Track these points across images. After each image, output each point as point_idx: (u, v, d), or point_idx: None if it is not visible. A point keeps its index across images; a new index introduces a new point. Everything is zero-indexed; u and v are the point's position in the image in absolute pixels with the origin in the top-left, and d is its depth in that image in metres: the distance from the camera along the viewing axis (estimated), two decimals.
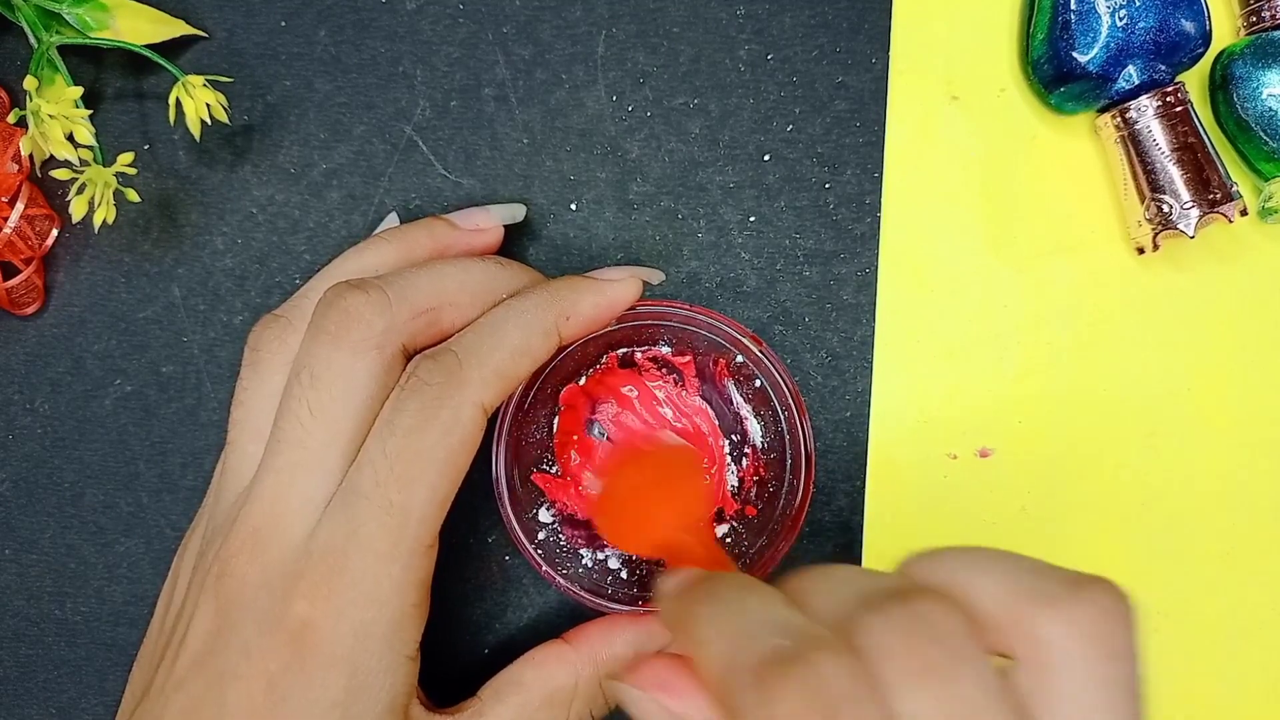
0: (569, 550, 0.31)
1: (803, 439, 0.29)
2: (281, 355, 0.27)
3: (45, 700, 0.34)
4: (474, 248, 0.31)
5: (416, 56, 0.34)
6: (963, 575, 0.19)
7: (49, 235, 0.34)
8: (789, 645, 0.17)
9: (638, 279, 0.29)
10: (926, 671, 0.17)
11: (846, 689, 0.16)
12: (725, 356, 0.31)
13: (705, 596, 0.20)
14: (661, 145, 0.34)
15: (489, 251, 0.31)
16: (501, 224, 0.31)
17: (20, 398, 0.34)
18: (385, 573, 0.24)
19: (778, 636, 0.18)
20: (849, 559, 0.34)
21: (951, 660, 0.17)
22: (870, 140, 0.34)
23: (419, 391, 0.25)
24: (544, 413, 0.32)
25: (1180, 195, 0.32)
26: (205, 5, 0.34)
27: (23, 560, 0.34)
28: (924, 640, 0.17)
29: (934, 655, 0.17)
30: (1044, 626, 0.18)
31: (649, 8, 0.35)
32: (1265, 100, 0.33)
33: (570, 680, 0.28)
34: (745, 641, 0.18)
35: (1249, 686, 0.34)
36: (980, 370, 0.34)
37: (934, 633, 0.17)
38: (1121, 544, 0.34)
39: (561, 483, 0.32)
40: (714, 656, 0.19)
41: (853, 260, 0.34)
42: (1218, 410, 0.35)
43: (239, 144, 0.34)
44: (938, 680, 0.17)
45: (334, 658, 0.23)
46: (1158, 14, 0.32)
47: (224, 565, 0.25)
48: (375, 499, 0.24)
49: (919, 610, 0.18)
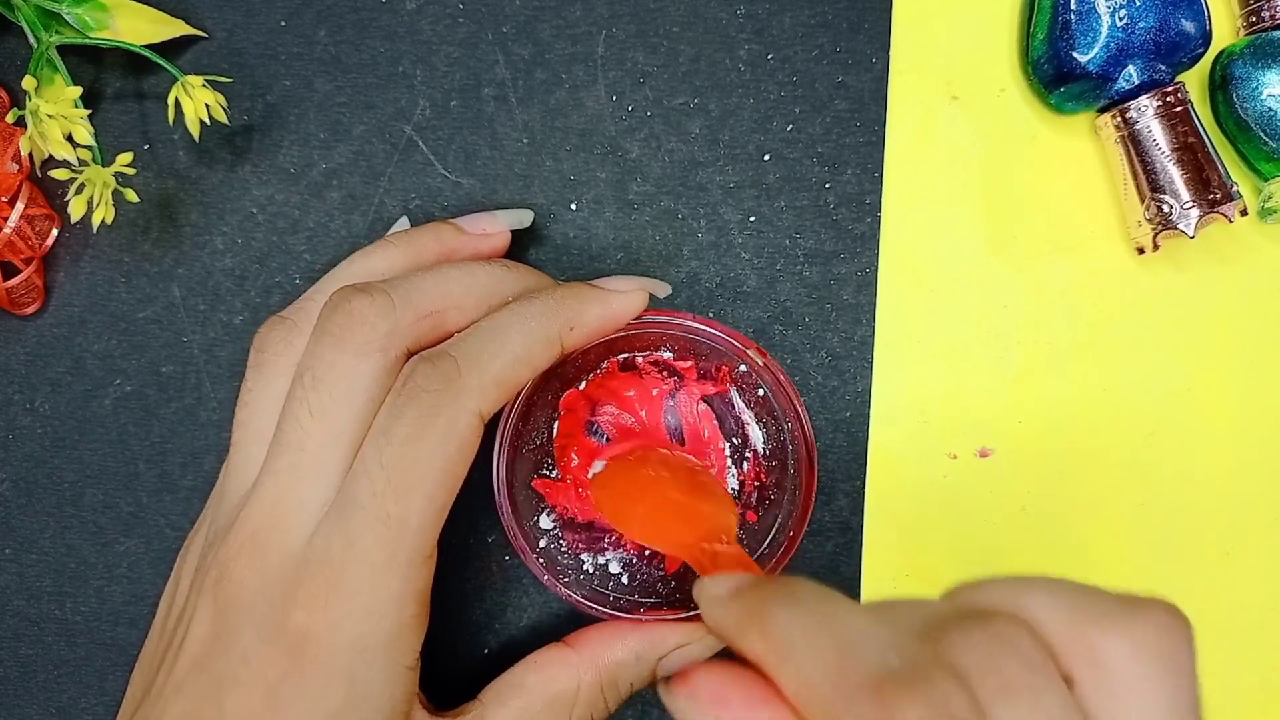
0: (570, 556, 0.31)
1: (806, 449, 0.29)
2: (286, 357, 0.27)
3: (45, 700, 0.34)
4: (480, 252, 0.30)
5: (416, 56, 0.34)
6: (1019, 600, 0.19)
7: (49, 235, 0.34)
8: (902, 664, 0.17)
9: (644, 291, 0.28)
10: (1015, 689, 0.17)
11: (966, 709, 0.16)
12: (728, 364, 0.31)
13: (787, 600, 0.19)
14: (661, 145, 0.34)
15: (495, 256, 0.31)
16: (508, 229, 0.31)
17: (20, 398, 0.34)
18: (383, 585, 0.24)
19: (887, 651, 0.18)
20: (849, 559, 0.34)
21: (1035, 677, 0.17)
22: (870, 140, 0.34)
23: (416, 398, 0.24)
24: (544, 417, 0.32)
25: (1180, 195, 0.32)
26: (205, 5, 0.34)
27: (23, 560, 0.34)
28: (1009, 659, 0.17)
29: (1019, 673, 0.17)
30: (1106, 646, 0.18)
31: (649, 8, 0.35)
32: (1265, 100, 0.33)
33: (572, 684, 0.28)
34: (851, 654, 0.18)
35: (1249, 686, 0.34)
36: (980, 370, 0.34)
37: (1015, 651, 0.17)
38: (1121, 544, 0.34)
39: (562, 486, 0.32)
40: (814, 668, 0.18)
41: (853, 260, 0.34)
42: (1218, 410, 0.35)
43: (239, 144, 0.34)
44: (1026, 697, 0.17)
45: (333, 669, 0.23)
46: (1158, 14, 0.32)
47: (223, 569, 0.25)
48: (372, 510, 0.24)
49: (1000, 630, 0.18)
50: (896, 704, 0.16)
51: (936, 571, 0.34)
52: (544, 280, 0.29)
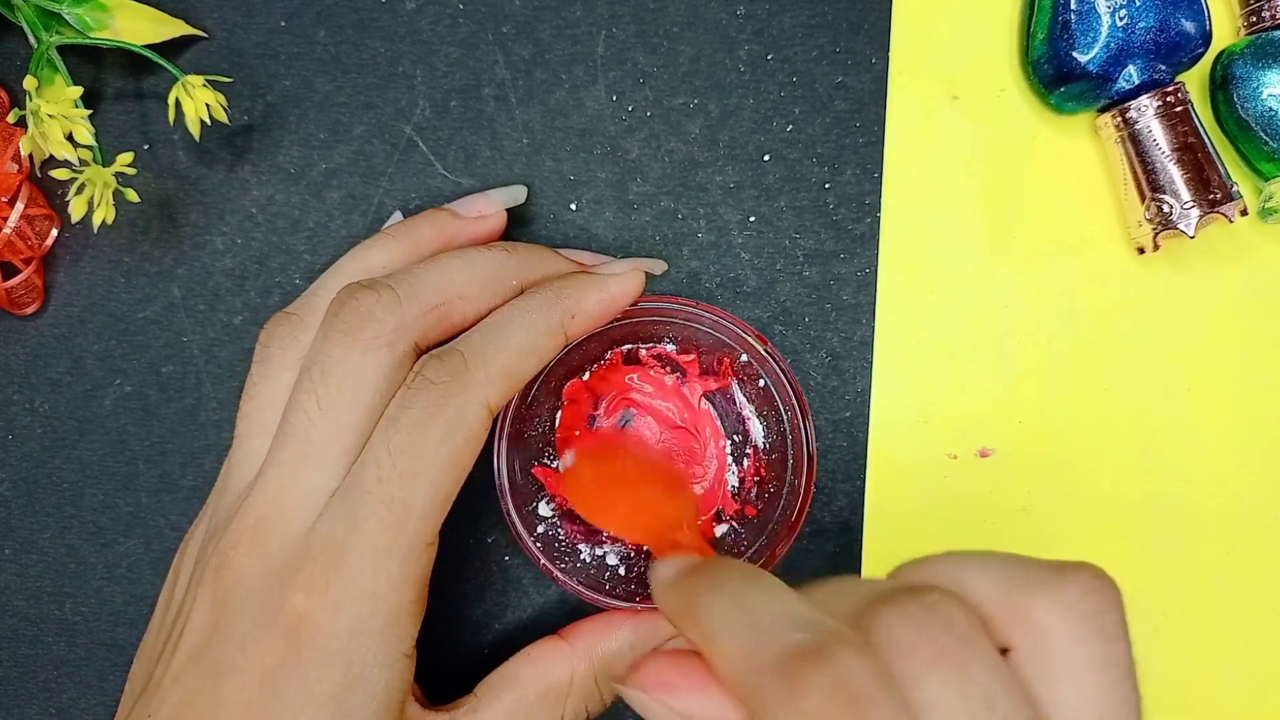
0: (568, 545, 0.31)
1: (805, 440, 0.29)
2: (292, 352, 0.27)
3: (45, 700, 0.34)
4: (478, 235, 0.31)
5: (416, 56, 0.34)
6: (955, 574, 0.19)
7: (49, 235, 0.34)
8: (809, 639, 0.18)
9: (640, 271, 0.29)
10: (941, 660, 0.17)
11: (871, 682, 0.17)
12: (730, 355, 0.31)
13: (710, 586, 0.20)
14: (661, 145, 0.34)
15: (493, 237, 0.31)
16: (504, 207, 0.32)
17: (20, 398, 0.34)
18: (384, 568, 0.24)
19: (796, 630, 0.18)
20: (849, 559, 0.34)
21: (965, 647, 0.17)
22: (870, 140, 0.34)
23: (424, 389, 0.25)
24: (547, 407, 0.32)
25: (1180, 195, 0.32)
26: (205, 5, 0.34)
27: (23, 560, 0.34)
28: (937, 630, 0.17)
29: (948, 644, 0.17)
30: (1037, 611, 0.18)
31: (649, 8, 0.35)
32: (1265, 100, 0.33)
33: (565, 676, 0.28)
34: (762, 635, 0.18)
35: (1249, 686, 0.34)
36: (980, 370, 0.34)
37: (945, 622, 0.18)
38: (1121, 544, 0.34)
39: (562, 477, 0.32)
40: (729, 650, 0.19)
41: (853, 260, 0.34)
42: (1218, 410, 0.35)
43: (239, 144, 0.34)
44: (953, 667, 0.17)
45: (329, 652, 0.23)
46: (1158, 14, 0.32)
47: (223, 558, 0.25)
48: (377, 494, 0.24)
49: (929, 602, 0.18)
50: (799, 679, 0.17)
51: None
52: (545, 258, 0.30)
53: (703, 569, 0.22)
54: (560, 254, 0.30)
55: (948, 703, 0.17)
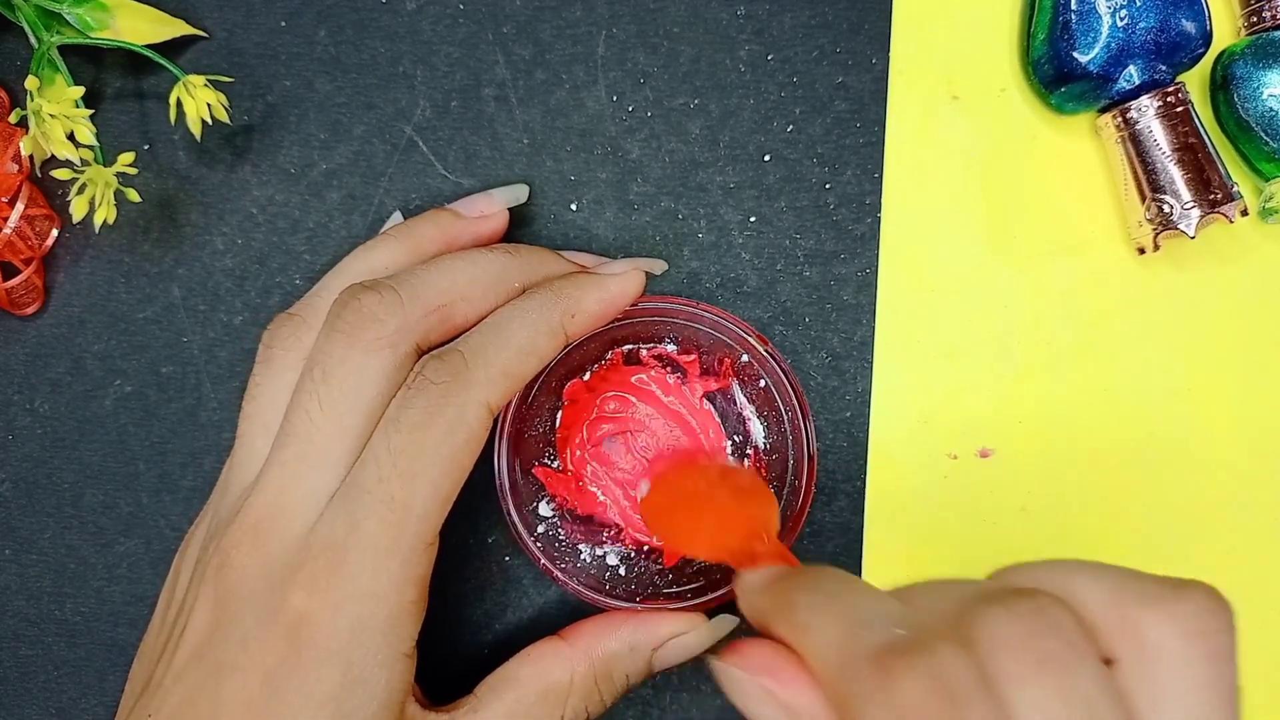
0: (568, 545, 0.31)
1: (805, 440, 0.29)
2: (295, 353, 0.27)
3: (45, 700, 0.34)
4: (480, 235, 0.31)
5: (416, 56, 0.34)
6: (1064, 580, 0.19)
7: (49, 235, 0.34)
8: (906, 634, 0.18)
9: (640, 271, 0.29)
10: (1048, 663, 0.17)
11: (967, 678, 0.17)
12: (731, 356, 0.31)
13: (807, 586, 0.20)
14: (661, 145, 0.34)
15: (495, 237, 0.31)
16: (506, 207, 0.32)
17: (20, 398, 0.34)
18: (384, 568, 0.24)
19: (893, 624, 0.18)
20: (849, 559, 0.34)
21: (1072, 654, 0.17)
22: (870, 140, 0.34)
23: (425, 390, 0.25)
24: (547, 406, 0.32)
25: (1181, 195, 0.32)
26: (205, 5, 0.34)
27: (23, 560, 0.34)
28: (1043, 633, 0.17)
29: (1055, 648, 0.17)
30: (1149, 626, 0.18)
31: (649, 8, 0.35)
32: (1266, 100, 0.33)
33: (565, 676, 0.28)
34: (859, 629, 0.18)
35: (1250, 686, 0.34)
36: (980, 370, 0.34)
37: (1055, 626, 0.17)
38: (1121, 544, 0.34)
39: (562, 477, 0.32)
40: (824, 643, 0.19)
41: (853, 260, 0.34)
42: (1218, 410, 0.35)
43: (239, 144, 0.34)
44: (1059, 672, 0.17)
45: (329, 651, 0.23)
46: (1158, 14, 0.32)
47: (224, 557, 0.25)
48: (378, 494, 0.24)
49: (1039, 605, 0.18)
50: (894, 672, 0.17)
51: (937, 572, 0.34)
52: (548, 260, 0.30)
53: (797, 572, 0.22)
54: (562, 256, 0.30)
55: (1049, 707, 0.17)
